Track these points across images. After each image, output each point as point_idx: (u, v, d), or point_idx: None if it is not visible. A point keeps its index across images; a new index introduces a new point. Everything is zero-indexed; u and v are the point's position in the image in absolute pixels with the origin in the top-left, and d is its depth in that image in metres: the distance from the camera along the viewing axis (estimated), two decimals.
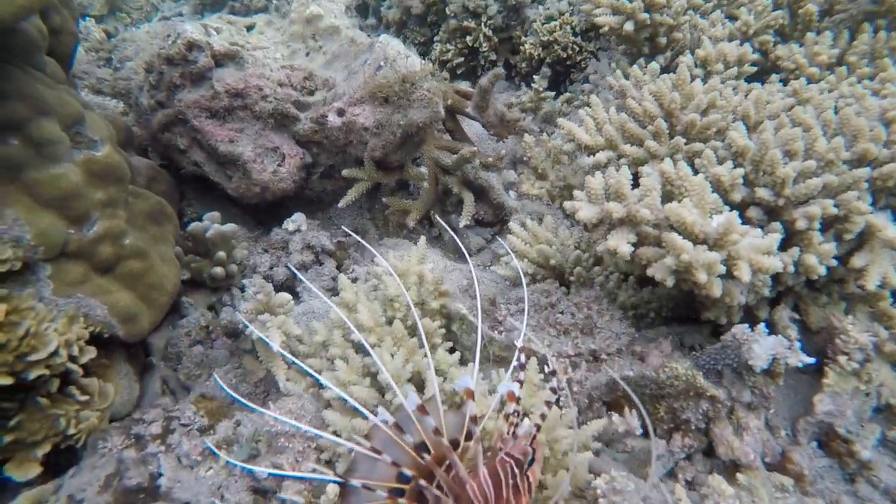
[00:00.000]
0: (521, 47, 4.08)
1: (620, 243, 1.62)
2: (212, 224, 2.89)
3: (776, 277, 1.91)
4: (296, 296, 3.05)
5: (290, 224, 3.05)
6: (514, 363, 1.52)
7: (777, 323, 2.09)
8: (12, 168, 1.99)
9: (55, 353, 1.89)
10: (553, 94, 3.85)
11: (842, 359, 1.88)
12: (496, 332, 1.96)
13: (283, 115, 2.96)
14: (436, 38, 4.38)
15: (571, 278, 2.27)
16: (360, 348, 1.99)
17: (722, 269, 1.55)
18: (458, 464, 1.35)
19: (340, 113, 2.84)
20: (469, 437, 1.51)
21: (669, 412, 1.79)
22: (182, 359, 2.71)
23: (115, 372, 2.40)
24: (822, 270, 1.85)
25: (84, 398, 2.18)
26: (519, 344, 1.55)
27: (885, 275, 1.90)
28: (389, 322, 2.02)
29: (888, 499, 1.84)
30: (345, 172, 2.98)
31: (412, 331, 2.01)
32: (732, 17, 3.09)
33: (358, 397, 1.78)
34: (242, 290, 2.99)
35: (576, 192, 1.84)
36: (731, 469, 1.80)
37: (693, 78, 2.58)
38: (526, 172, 3.19)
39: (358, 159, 3.01)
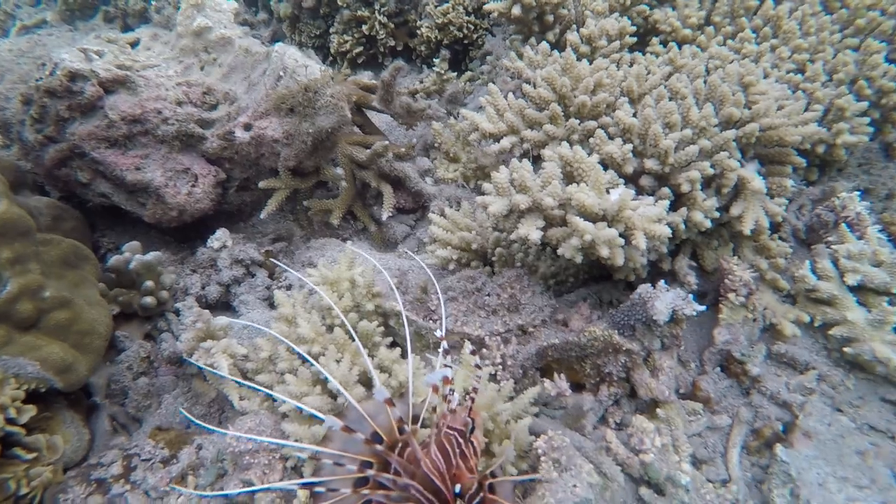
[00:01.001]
0: (418, 31, 4.13)
1: (530, 231, 1.79)
2: (133, 255, 2.83)
3: (673, 233, 2.15)
4: (233, 310, 3.07)
5: (214, 242, 3.03)
6: (440, 351, 1.69)
7: (678, 272, 2.36)
8: None
9: None
10: (455, 74, 3.96)
11: (731, 295, 2.17)
12: (430, 320, 2.10)
13: (188, 136, 2.91)
14: (331, 30, 4.35)
15: (493, 258, 2.44)
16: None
17: (621, 241, 1.75)
18: (413, 444, 1.52)
19: (247, 128, 2.82)
20: (416, 420, 1.72)
21: (594, 368, 2.02)
22: (128, 393, 2.69)
23: (60, 422, 2.37)
24: (708, 224, 2.11)
25: (31, 456, 2.16)
26: (440, 334, 1.70)
27: (758, 219, 2.19)
28: (330, 329, 2.11)
29: (773, 402, 2.17)
30: (262, 184, 2.99)
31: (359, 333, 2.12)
32: None
33: (312, 405, 1.88)
34: (178, 313, 2.98)
35: (484, 186, 1.98)
36: (651, 406, 2.06)
37: (580, 57, 2.77)
38: (439, 158, 3.31)
39: (272, 169, 3.01)
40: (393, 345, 2.21)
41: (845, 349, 2.29)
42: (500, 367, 1.94)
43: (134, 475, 2.13)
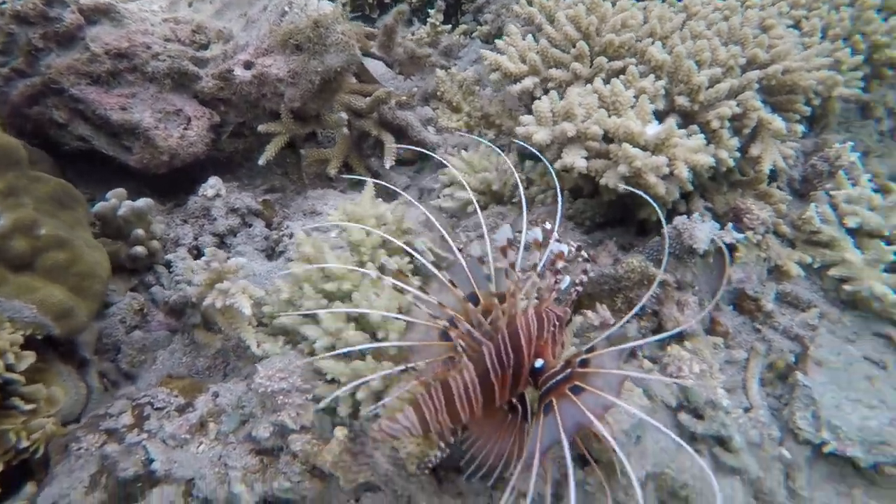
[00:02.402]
0: None
1: (576, 159, 1.78)
2: (121, 202, 2.64)
3: (694, 174, 2.19)
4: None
5: (208, 190, 2.87)
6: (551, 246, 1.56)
7: (693, 213, 2.42)
8: None
9: None
10: (449, 26, 3.87)
11: (749, 233, 2.25)
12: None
13: (181, 74, 2.72)
14: None
15: (514, 200, 2.42)
16: (333, 297, 2.01)
17: (666, 170, 1.77)
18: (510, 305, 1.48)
19: (248, 66, 2.66)
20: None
21: (626, 302, 2.05)
22: (121, 348, 2.53)
23: (56, 374, 2.20)
24: (731, 162, 2.16)
25: (30, 407, 2.00)
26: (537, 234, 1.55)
27: (775, 160, 2.26)
28: (362, 266, 2.05)
29: (785, 336, 2.28)
30: (261, 128, 2.84)
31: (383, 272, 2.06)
32: None
33: (351, 340, 1.82)
34: (168, 266, 2.81)
35: (522, 118, 1.95)
36: (678, 340, 2.12)
37: None
38: (441, 107, 3.24)
39: (272, 113, 2.86)
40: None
41: (844, 287, 2.42)
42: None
43: (148, 424, 2.01)
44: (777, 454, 1.91)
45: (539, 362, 1.49)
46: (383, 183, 2.72)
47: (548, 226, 1.54)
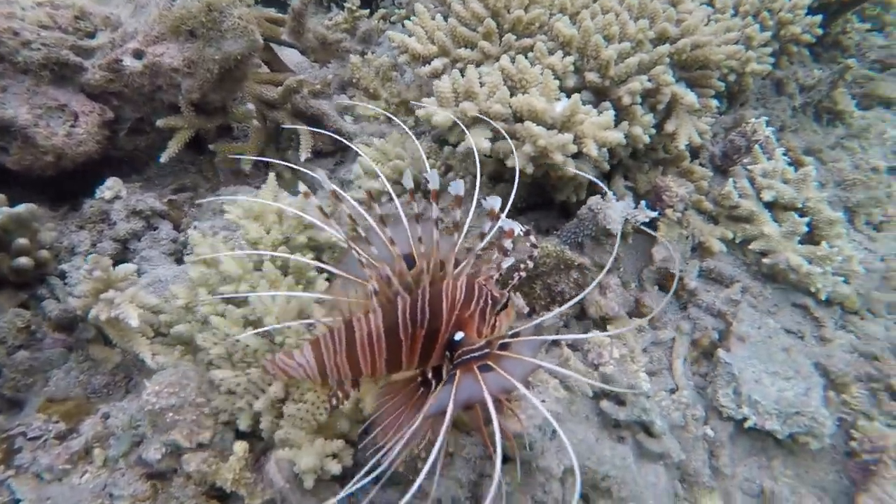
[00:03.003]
0: None
1: (479, 140, 1.67)
2: None
3: (611, 152, 2.13)
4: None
5: (105, 192, 2.63)
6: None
7: (615, 193, 2.36)
8: None
9: None
10: (368, 11, 3.71)
11: (669, 211, 2.21)
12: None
13: (61, 65, 2.46)
14: None
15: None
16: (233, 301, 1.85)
17: (574, 148, 1.69)
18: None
19: (138, 55, 2.44)
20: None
21: (545, 289, 1.97)
22: (1, 371, 2.28)
23: None
24: (646, 139, 2.11)
25: None
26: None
27: (690, 135, 2.23)
28: (258, 267, 1.89)
29: (709, 313, 2.26)
30: (160, 122, 2.62)
31: (285, 270, 1.91)
32: None
33: (249, 348, 1.67)
34: (63, 277, 2.56)
35: (424, 99, 1.83)
36: (601, 325, 2.05)
37: None
38: (358, 94, 3.08)
39: (171, 106, 2.64)
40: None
41: (764, 261, 2.43)
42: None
43: (19, 458, 1.79)
44: (701, 434, 1.87)
45: (459, 335, 1.40)
46: (311, 172, 2.55)
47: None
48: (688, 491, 1.79)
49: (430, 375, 1.47)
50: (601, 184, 1.56)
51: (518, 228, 1.45)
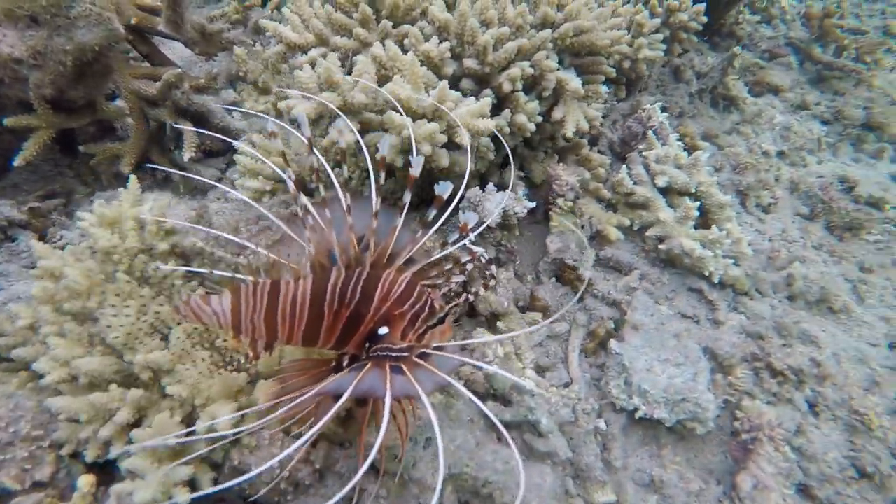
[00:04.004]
0: None
1: (341, 134, 1.55)
2: None
3: (499, 143, 2.06)
4: None
5: None
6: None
7: (507, 183, 2.30)
8: None
9: None
10: (259, 0, 3.51)
11: (560, 200, 2.17)
12: (241, 256, 1.79)
13: None
14: None
15: (313, 185, 2.17)
16: (80, 318, 1.65)
17: (443, 138, 1.60)
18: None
19: None
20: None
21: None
22: None
23: None
24: (532, 127, 2.05)
25: None
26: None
27: (578, 122, 2.19)
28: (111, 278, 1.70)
29: (605, 303, 2.24)
30: (8, 122, 2.34)
31: (146, 280, 1.74)
32: None
33: (89, 370, 1.49)
34: None
35: (288, 91, 1.70)
36: (492, 320, 1.99)
37: None
38: (246, 89, 2.90)
39: (22, 102, 2.37)
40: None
41: (660, 247, 2.43)
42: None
43: None
44: (592, 428, 1.83)
45: (383, 329, 1.36)
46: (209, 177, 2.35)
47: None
48: (580, 487, 1.75)
49: (345, 363, 1.39)
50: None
51: (483, 254, 1.46)
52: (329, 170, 1.54)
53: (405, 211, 1.40)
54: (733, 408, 1.98)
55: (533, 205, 1.82)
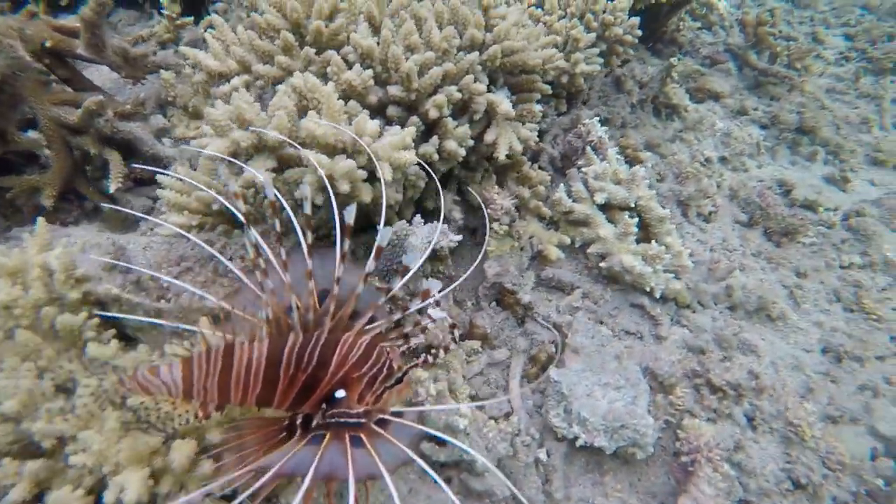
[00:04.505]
0: None
1: (258, 172, 1.48)
2: None
3: (433, 167, 2.02)
4: None
5: None
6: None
7: (442, 208, 2.26)
8: None
9: None
10: (192, 19, 3.39)
11: (495, 225, 2.13)
12: (163, 301, 1.70)
13: None
14: None
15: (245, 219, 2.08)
16: None
17: (361, 173, 1.54)
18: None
19: None
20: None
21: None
22: None
23: None
24: (462, 152, 2.01)
25: None
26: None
27: (511, 144, 2.16)
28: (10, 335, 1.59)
29: (545, 327, 2.21)
30: None
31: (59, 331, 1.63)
32: None
33: None
34: None
35: (202, 127, 1.62)
36: (427, 352, 1.94)
37: None
38: (177, 114, 2.78)
39: None
40: (124, 338, 1.77)
41: (601, 265, 2.43)
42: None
43: None
44: (533, 460, 1.80)
45: (340, 393, 1.33)
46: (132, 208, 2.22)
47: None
48: None
49: (298, 422, 1.35)
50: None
51: (446, 318, 1.50)
52: (296, 223, 1.47)
53: (344, 259, 1.37)
54: (675, 427, 1.98)
55: (459, 238, 1.78)
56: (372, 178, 1.67)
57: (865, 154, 4.35)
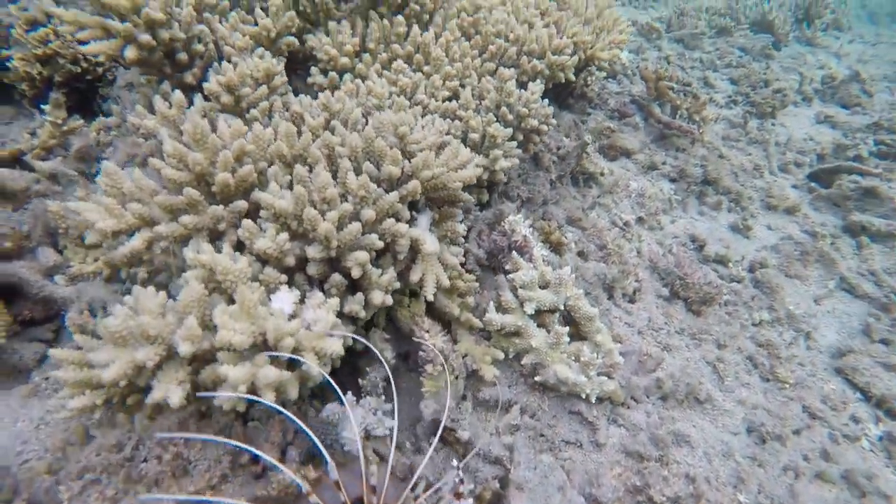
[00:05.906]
0: (9, 64, 3.13)
1: (169, 393, 1.34)
2: None
3: (357, 321, 1.93)
4: None
5: None
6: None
7: (373, 350, 2.18)
8: None
9: None
10: (81, 121, 3.11)
11: (428, 367, 2.08)
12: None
13: None
14: None
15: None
16: None
17: (286, 374, 1.44)
18: None
19: None
20: None
21: None
22: None
23: None
24: (389, 300, 1.94)
25: None
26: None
27: (438, 279, 2.12)
28: None
29: (487, 461, 2.17)
30: None
31: None
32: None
33: None
34: None
35: (104, 336, 1.46)
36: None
37: (224, 109, 2.35)
38: (70, 246, 2.53)
39: None
40: None
41: (536, 378, 2.43)
42: None
43: None
44: None
45: None
46: None
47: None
48: None
49: None
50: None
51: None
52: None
53: None
54: None
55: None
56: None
57: (760, 199, 4.68)
